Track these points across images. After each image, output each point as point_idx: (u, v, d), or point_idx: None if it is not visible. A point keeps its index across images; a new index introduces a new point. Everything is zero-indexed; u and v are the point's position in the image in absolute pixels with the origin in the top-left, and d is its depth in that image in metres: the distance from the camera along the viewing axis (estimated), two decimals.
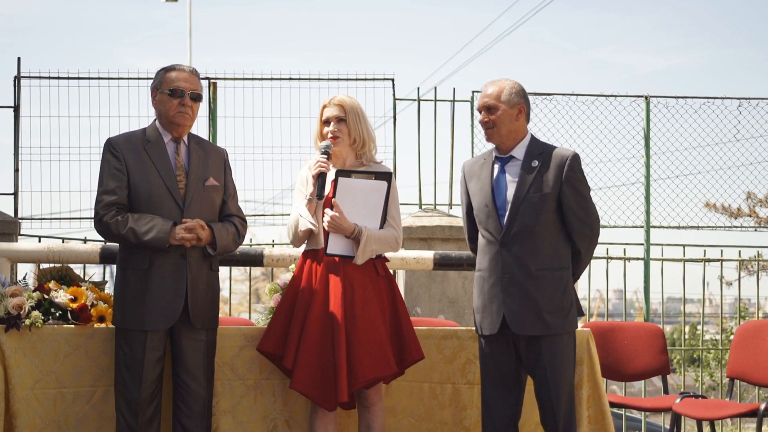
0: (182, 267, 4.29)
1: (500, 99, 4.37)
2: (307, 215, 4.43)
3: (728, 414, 5.56)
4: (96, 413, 4.52)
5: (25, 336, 4.49)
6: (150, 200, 4.30)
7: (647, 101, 8.11)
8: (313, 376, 4.32)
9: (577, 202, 4.35)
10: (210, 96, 7.70)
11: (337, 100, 4.52)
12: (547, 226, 4.33)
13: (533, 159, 4.37)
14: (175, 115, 4.35)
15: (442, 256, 5.63)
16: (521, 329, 4.30)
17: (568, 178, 4.33)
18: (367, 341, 4.34)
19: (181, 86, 4.34)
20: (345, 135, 4.50)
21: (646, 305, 8.07)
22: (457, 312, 7.40)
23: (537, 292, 4.29)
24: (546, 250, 4.33)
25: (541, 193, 4.31)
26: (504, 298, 4.32)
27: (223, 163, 4.51)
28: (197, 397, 4.34)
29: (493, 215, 4.35)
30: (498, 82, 4.42)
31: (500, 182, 4.39)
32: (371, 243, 4.41)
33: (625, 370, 6.06)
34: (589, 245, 4.42)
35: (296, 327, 4.39)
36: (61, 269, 4.80)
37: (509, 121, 4.37)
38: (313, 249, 4.49)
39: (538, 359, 4.32)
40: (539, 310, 4.28)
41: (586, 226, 4.38)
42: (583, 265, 4.46)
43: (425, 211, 7.79)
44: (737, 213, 9.86)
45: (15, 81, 7.49)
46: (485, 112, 4.38)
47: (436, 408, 4.77)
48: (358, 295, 4.38)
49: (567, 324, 4.35)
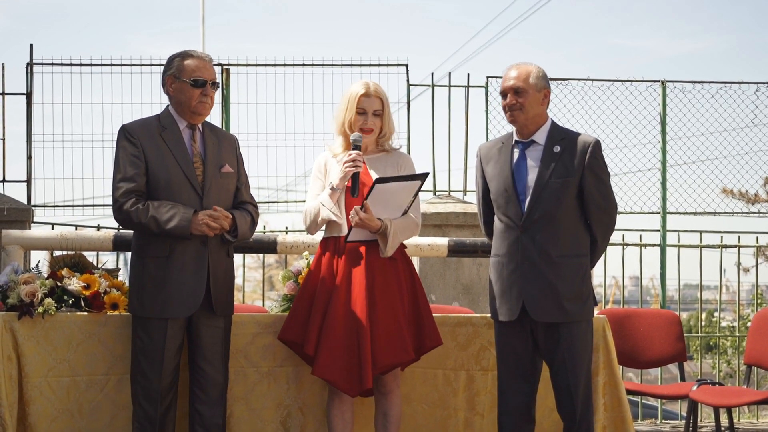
0: (203, 254, 4.27)
1: (528, 82, 4.33)
2: (330, 204, 4.40)
3: (745, 401, 5.52)
4: (109, 402, 4.51)
5: (38, 323, 4.48)
6: (169, 187, 4.26)
7: (663, 86, 8.04)
8: (335, 363, 4.31)
9: (598, 189, 4.32)
10: (223, 82, 7.67)
11: (378, 93, 4.48)
12: (568, 213, 4.29)
13: (555, 144, 4.33)
14: (197, 105, 4.32)
15: (456, 242, 5.60)
16: (541, 316, 4.26)
17: (590, 164, 4.29)
18: (386, 327, 4.33)
19: (203, 76, 4.31)
20: (377, 128, 4.49)
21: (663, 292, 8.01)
22: (472, 299, 7.36)
23: (557, 278, 4.26)
24: (566, 236, 4.29)
25: (563, 179, 4.27)
26: (523, 284, 4.28)
27: (235, 150, 4.49)
28: (215, 383, 4.33)
29: (513, 200, 4.31)
30: (523, 65, 4.38)
31: (521, 167, 4.35)
32: (398, 236, 4.41)
33: (642, 357, 6.02)
34: (605, 232, 4.39)
35: (318, 314, 4.37)
36: (74, 256, 4.79)
37: (536, 104, 4.34)
38: (333, 236, 4.47)
39: (556, 346, 4.28)
40: (559, 296, 4.25)
41: (605, 213, 4.35)
42: (600, 252, 4.43)
43: (439, 197, 7.75)
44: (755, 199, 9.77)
45: (27, 68, 7.47)
46: (513, 95, 4.33)
47: (450, 395, 4.74)
48: (379, 280, 4.38)
49: (585, 311, 4.32)
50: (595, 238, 4.37)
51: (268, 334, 4.61)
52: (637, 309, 6.76)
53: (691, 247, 7.78)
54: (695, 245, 7.76)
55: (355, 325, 4.31)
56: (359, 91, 4.46)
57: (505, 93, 4.36)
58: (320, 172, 4.55)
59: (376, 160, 4.53)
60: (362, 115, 4.46)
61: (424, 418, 4.73)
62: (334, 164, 4.50)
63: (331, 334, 4.31)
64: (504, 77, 4.40)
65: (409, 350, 4.37)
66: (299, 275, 4.84)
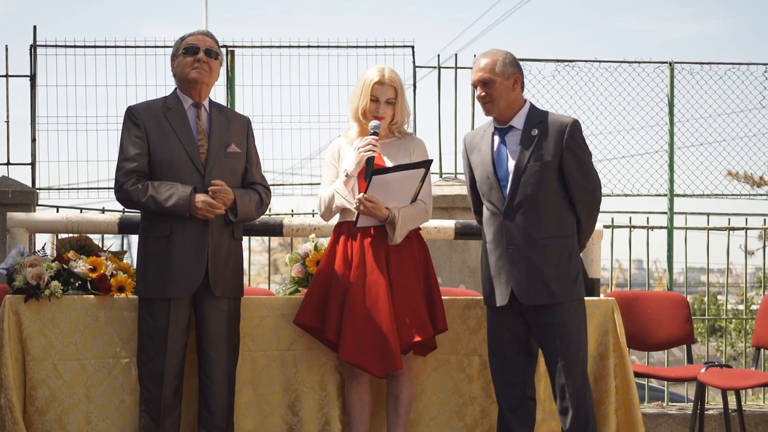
0: (204, 234, 4.25)
1: (495, 72, 4.32)
2: (344, 192, 4.41)
3: (754, 383, 5.50)
4: (117, 385, 4.49)
5: (44, 306, 4.45)
6: (171, 167, 4.26)
7: (671, 67, 7.98)
8: (360, 346, 4.30)
9: (579, 169, 4.31)
10: (228, 64, 7.63)
11: (393, 81, 4.45)
12: (550, 195, 4.29)
13: (533, 128, 4.33)
14: (191, 72, 4.31)
15: (463, 225, 5.57)
16: (528, 299, 4.27)
17: (568, 145, 4.28)
18: (404, 305, 4.35)
19: (194, 43, 4.32)
20: (389, 116, 4.47)
21: (669, 274, 7.98)
22: (479, 281, 7.32)
23: (542, 261, 4.26)
24: (550, 218, 4.29)
25: (542, 161, 4.27)
26: (511, 269, 4.29)
27: (246, 130, 4.47)
28: (219, 367, 4.31)
29: (495, 187, 4.32)
30: (490, 54, 4.37)
31: (501, 153, 4.36)
32: (405, 225, 4.40)
33: (649, 340, 6.00)
34: (590, 212, 4.38)
35: (336, 298, 4.37)
36: (80, 239, 4.76)
37: (506, 92, 4.33)
38: (347, 221, 4.47)
39: (547, 329, 4.28)
40: (545, 279, 4.26)
41: (587, 193, 4.34)
42: (587, 232, 4.42)
43: (446, 180, 7.72)
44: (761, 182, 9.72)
45: (31, 50, 7.43)
46: (481, 87, 4.33)
47: (465, 381, 4.70)
48: (394, 260, 4.38)
49: (575, 291, 4.31)
50: (579, 218, 4.36)
51: (276, 317, 4.58)
52: (644, 291, 6.74)
53: (699, 230, 7.74)
54: (702, 227, 7.72)
55: (378, 308, 4.31)
56: (373, 78, 4.44)
57: (475, 85, 4.36)
58: (334, 158, 4.54)
59: (388, 144, 4.51)
60: (375, 103, 4.44)
61: (439, 410, 4.68)
62: (348, 151, 4.48)
63: (354, 318, 4.31)
64: (473, 69, 4.39)
65: (428, 328, 4.39)
66: (306, 258, 4.83)
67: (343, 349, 4.32)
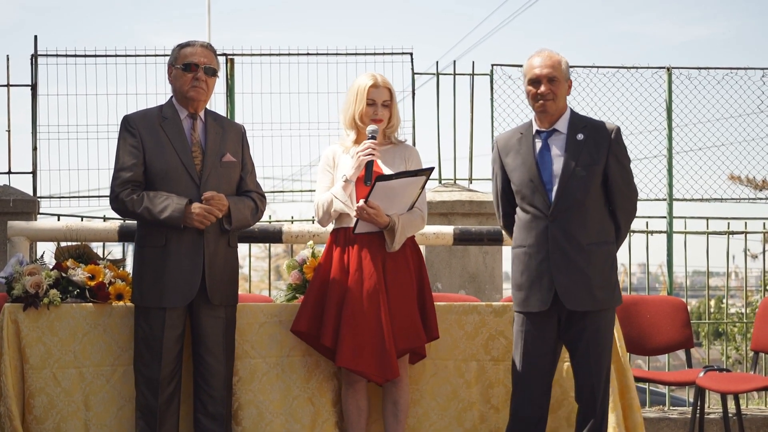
0: (199, 243, 4.27)
1: (561, 70, 4.33)
2: (343, 197, 4.41)
3: (752, 387, 5.50)
4: (116, 393, 4.51)
5: (43, 314, 4.48)
6: (166, 177, 4.27)
7: (669, 73, 7.99)
8: (358, 352, 4.32)
9: (622, 176, 4.33)
10: (227, 72, 7.65)
11: (386, 83, 4.51)
12: (594, 200, 4.29)
13: (577, 132, 4.31)
14: (189, 90, 4.32)
15: (462, 231, 5.58)
16: (573, 304, 4.24)
17: (614, 151, 4.30)
18: (399, 312, 4.36)
19: (194, 60, 4.32)
20: (386, 119, 4.51)
21: (669, 279, 7.98)
22: (478, 287, 7.35)
23: (588, 266, 4.24)
24: (594, 224, 4.28)
25: (589, 167, 4.26)
26: (555, 274, 4.25)
27: (241, 139, 4.48)
28: (217, 374, 4.33)
29: (539, 190, 4.28)
30: (553, 54, 4.35)
31: (544, 156, 4.32)
32: (405, 231, 4.42)
33: (649, 344, 6.01)
34: (628, 219, 4.40)
35: (332, 304, 4.38)
36: (79, 247, 4.79)
37: (563, 94, 4.35)
38: (343, 227, 4.48)
39: (581, 334, 4.26)
40: (590, 284, 4.24)
41: (628, 200, 4.36)
42: (622, 239, 4.42)
43: (445, 186, 7.73)
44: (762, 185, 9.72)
45: (32, 59, 7.46)
46: (547, 83, 4.29)
47: (463, 387, 4.71)
48: (390, 266, 4.40)
49: (614, 299, 4.32)
50: (618, 225, 4.36)
51: (275, 324, 4.60)
52: (643, 296, 6.74)
53: (698, 234, 7.75)
54: (702, 231, 7.73)
55: (376, 314, 4.32)
56: (368, 83, 4.47)
57: (538, 81, 4.30)
58: (329, 165, 4.54)
59: (384, 152, 4.53)
60: (372, 106, 4.47)
61: (438, 415, 4.69)
62: (345, 159, 4.49)
63: (353, 324, 4.32)
64: (533, 64, 4.33)
65: (421, 335, 4.40)
66: (304, 264, 4.85)
67: (341, 355, 4.33)
